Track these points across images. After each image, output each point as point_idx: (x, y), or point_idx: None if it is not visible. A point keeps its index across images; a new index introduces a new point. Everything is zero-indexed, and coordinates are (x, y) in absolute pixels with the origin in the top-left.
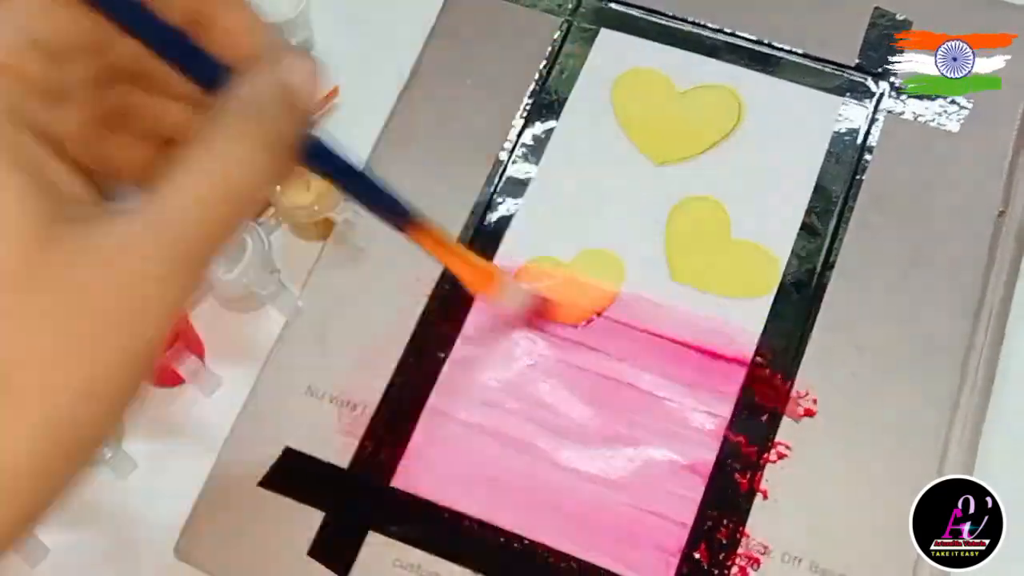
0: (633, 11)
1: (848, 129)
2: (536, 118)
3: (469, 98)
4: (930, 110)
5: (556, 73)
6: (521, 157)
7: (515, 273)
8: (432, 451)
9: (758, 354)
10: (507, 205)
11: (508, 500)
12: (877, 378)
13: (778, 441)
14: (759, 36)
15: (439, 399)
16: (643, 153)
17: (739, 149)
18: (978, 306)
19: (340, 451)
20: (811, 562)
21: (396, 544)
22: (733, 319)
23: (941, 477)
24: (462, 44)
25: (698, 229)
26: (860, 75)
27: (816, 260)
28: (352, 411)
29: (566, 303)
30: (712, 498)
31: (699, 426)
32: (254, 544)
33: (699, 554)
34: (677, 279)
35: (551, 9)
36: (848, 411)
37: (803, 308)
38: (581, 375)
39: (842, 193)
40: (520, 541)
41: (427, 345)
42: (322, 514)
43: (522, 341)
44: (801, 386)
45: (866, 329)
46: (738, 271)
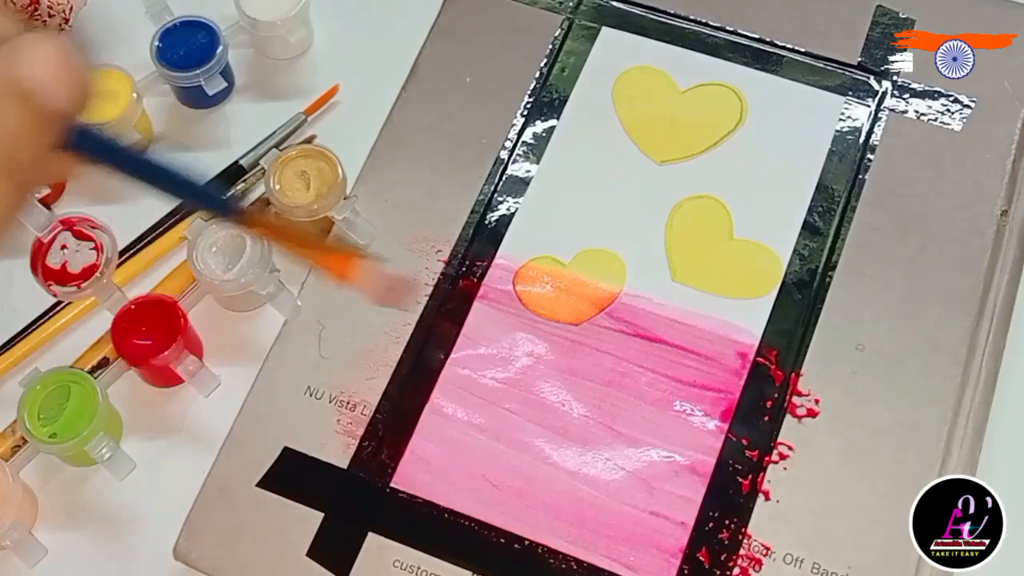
0: (635, 9)
1: (850, 128)
2: (537, 116)
3: (469, 96)
4: (933, 109)
5: (557, 71)
6: (522, 156)
7: (515, 273)
8: (432, 451)
9: (759, 354)
10: (508, 204)
11: (508, 500)
12: (879, 378)
13: (780, 441)
14: (761, 35)
15: (439, 399)
16: (644, 152)
17: (741, 148)
18: (981, 305)
19: (339, 451)
20: (813, 563)
21: (396, 544)
22: (734, 319)
23: (942, 477)
24: (462, 42)
25: (699, 228)
26: (862, 74)
27: (818, 259)
28: (352, 411)
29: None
30: (713, 499)
31: (700, 426)
32: (253, 545)
33: (701, 555)
34: (678, 279)
35: (552, 7)
36: (850, 411)
37: (805, 307)
38: (581, 375)
39: (844, 192)
40: (520, 541)
41: (427, 345)
42: (321, 514)
43: (522, 341)
44: (803, 386)
45: (868, 328)
46: (739, 271)
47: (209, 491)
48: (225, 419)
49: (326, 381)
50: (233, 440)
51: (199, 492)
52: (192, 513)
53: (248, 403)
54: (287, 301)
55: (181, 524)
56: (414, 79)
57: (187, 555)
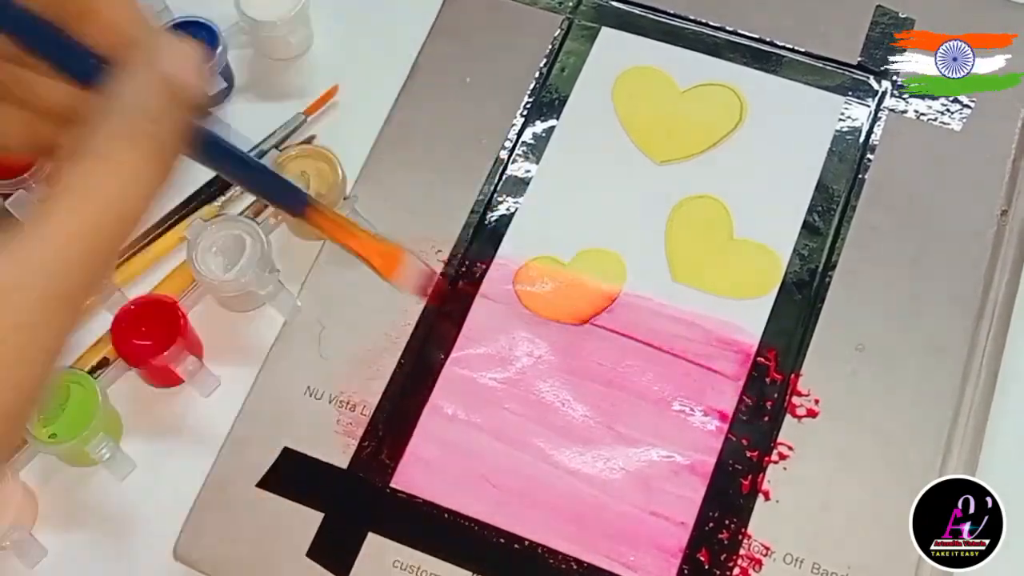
0: (634, 9)
1: (850, 128)
2: (537, 116)
3: (469, 96)
4: (932, 109)
5: (557, 71)
6: (522, 156)
7: (515, 273)
8: (432, 451)
9: (759, 354)
10: (507, 204)
11: (508, 500)
12: (879, 378)
13: (780, 441)
14: (761, 35)
15: (439, 399)
16: (644, 152)
17: (741, 148)
18: (980, 305)
19: (339, 451)
20: (813, 563)
21: (396, 544)
22: (734, 319)
23: (942, 477)
24: (462, 42)
25: (699, 228)
26: (862, 73)
27: (818, 259)
28: (351, 411)
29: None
30: (713, 499)
31: (700, 426)
32: (253, 545)
33: (701, 555)
34: (678, 279)
35: (552, 7)
36: (850, 411)
37: (805, 307)
38: (581, 375)
39: (844, 192)
40: (520, 542)
41: (427, 345)
42: (321, 515)
43: (522, 341)
44: (803, 386)
45: (868, 329)
46: (739, 271)
47: (209, 491)
48: (225, 419)
49: (326, 381)
50: (233, 440)
51: (199, 492)
52: (192, 513)
53: (248, 403)
54: (287, 301)
55: (181, 524)
56: (414, 79)
57: (187, 555)
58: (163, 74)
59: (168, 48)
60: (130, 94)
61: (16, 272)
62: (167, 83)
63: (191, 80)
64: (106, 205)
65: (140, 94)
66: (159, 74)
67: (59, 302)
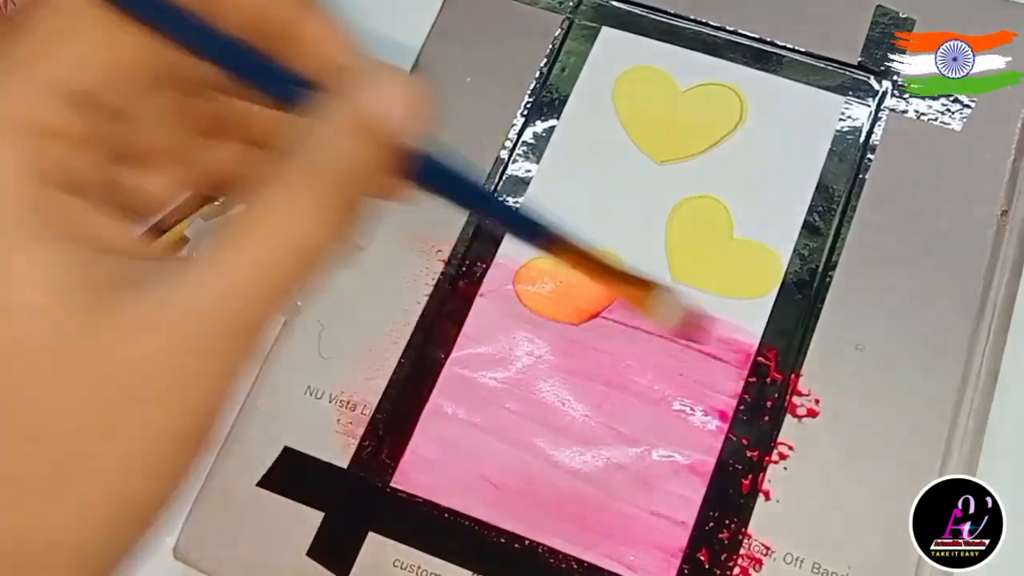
0: (635, 9)
1: (850, 128)
2: (537, 116)
3: (469, 96)
4: (933, 108)
5: (557, 71)
6: (522, 156)
7: (515, 272)
8: (432, 451)
9: (760, 354)
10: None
11: (508, 500)
12: (879, 378)
13: (780, 441)
14: (761, 34)
15: (439, 399)
16: (644, 152)
17: (741, 148)
18: (981, 305)
19: (340, 451)
20: (813, 563)
21: (396, 544)
22: (734, 319)
23: (942, 477)
24: (462, 42)
25: (699, 228)
26: (863, 73)
27: (818, 259)
28: (352, 411)
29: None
30: (714, 499)
31: (700, 426)
32: (253, 544)
33: (701, 555)
34: (678, 279)
35: (552, 7)
36: (850, 411)
37: (805, 307)
38: (581, 375)
39: (844, 192)
40: (520, 541)
41: (427, 345)
42: (321, 514)
43: (522, 341)
44: (803, 386)
45: (868, 328)
46: (739, 270)
47: (209, 491)
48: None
49: (326, 381)
50: (233, 440)
51: (199, 492)
52: (192, 513)
53: (248, 403)
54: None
55: (181, 524)
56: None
57: (187, 555)
58: (362, 112)
59: (375, 82)
60: (322, 134)
61: (198, 297)
62: (365, 123)
63: (397, 118)
64: (288, 242)
65: (332, 136)
66: (357, 112)
67: (238, 330)
